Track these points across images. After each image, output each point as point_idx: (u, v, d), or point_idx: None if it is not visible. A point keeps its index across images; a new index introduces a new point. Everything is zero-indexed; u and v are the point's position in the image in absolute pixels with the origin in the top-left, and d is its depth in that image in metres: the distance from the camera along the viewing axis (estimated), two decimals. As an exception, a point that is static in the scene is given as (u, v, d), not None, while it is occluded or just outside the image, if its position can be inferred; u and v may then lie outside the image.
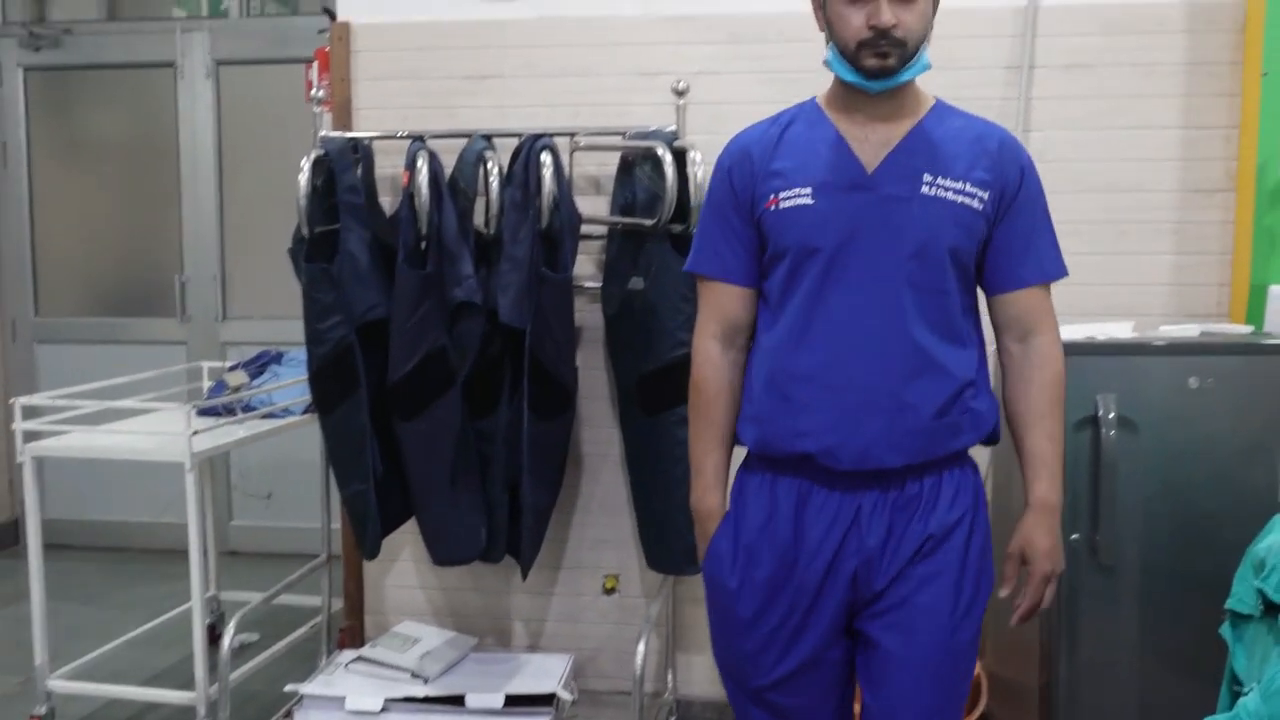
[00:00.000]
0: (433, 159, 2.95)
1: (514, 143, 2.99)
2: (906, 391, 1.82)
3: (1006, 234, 1.89)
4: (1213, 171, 3.00)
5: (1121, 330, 2.70)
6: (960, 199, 1.83)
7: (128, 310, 5.06)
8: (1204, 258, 3.02)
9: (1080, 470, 2.49)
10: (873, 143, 1.86)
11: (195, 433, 2.93)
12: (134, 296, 5.07)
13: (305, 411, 3.37)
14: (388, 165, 3.19)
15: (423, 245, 2.93)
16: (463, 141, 3.04)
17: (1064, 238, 2.99)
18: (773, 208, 1.87)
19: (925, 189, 1.83)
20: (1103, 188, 3.03)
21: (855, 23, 1.78)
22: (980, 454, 2.69)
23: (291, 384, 3.42)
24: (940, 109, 1.93)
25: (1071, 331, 2.64)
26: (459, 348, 2.92)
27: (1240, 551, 2.20)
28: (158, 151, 4.95)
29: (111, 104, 5.03)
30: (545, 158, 2.89)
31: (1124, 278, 3.03)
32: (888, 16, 1.75)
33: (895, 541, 1.86)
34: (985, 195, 1.85)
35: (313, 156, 3.00)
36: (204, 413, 3.26)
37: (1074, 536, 2.49)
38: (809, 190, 1.84)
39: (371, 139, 3.15)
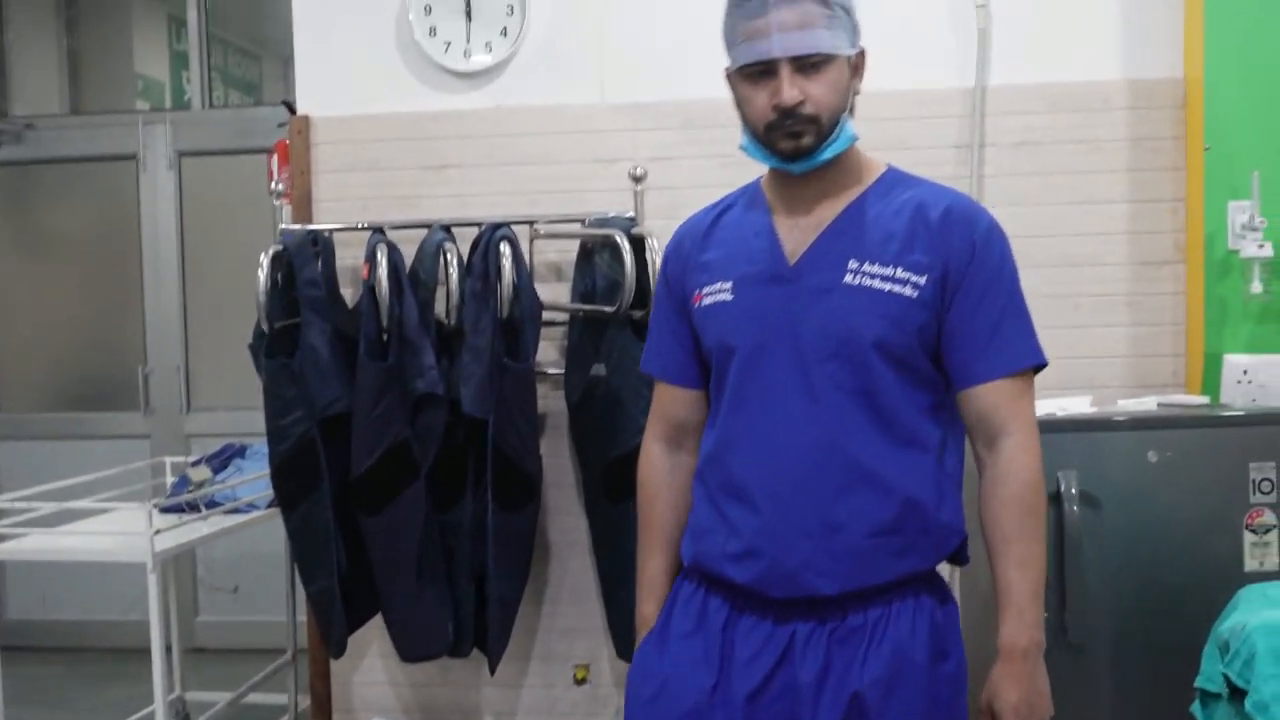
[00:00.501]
0: (393, 251, 2.97)
1: (474, 232, 3.01)
2: (835, 509, 1.61)
3: (961, 319, 1.63)
4: (1162, 244, 3.05)
5: (1080, 405, 2.72)
6: (889, 287, 1.62)
7: (90, 405, 5.01)
8: (1158, 329, 3.06)
9: (1046, 548, 2.49)
10: (802, 228, 1.69)
11: (157, 532, 2.90)
12: (97, 390, 5.03)
13: (270, 506, 3.34)
14: (348, 257, 3.20)
15: (384, 337, 2.94)
16: (423, 232, 3.06)
17: (1020, 313, 3.06)
18: (698, 304, 1.74)
19: (849, 278, 1.63)
20: (1055, 262, 3.07)
21: (759, 104, 1.62)
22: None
23: (255, 478, 3.40)
24: (889, 180, 1.72)
25: (1030, 408, 2.67)
26: (422, 440, 2.91)
27: (1209, 624, 2.21)
28: (120, 243, 4.94)
29: (74, 197, 5.03)
30: (504, 248, 2.91)
31: (1080, 351, 3.06)
32: (791, 93, 1.58)
33: (836, 680, 1.62)
34: (922, 280, 1.61)
35: (271, 251, 3.00)
36: (167, 510, 3.23)
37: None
38: (729, 285, 1.70)
39: (331, 231, 3.16)
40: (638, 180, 3.13)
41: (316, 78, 3.32)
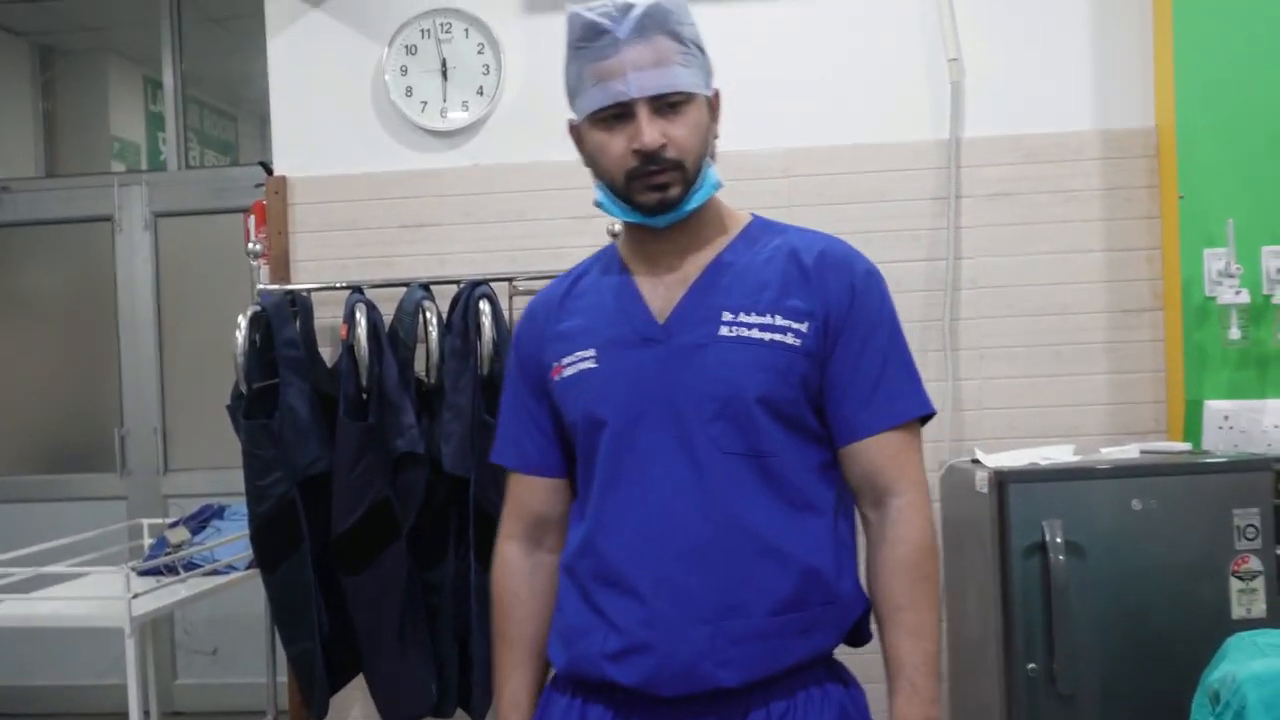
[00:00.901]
0: (371, 310, 2.96)
1: (453, 290, 3.01)
2: (734, 587, 1.45)
3: (842, 370, 1.51)
4: (1139, 292, 3.07)
5: (1063, 453, 2.73)
6: (768, 336, 1.49)
7: (66, 467, 4.96)
8: (1138, 376, 3.07)
9: (1032, 598, 2.48)
10: (667, 284, 1.55)
11: (135, 595, 2.86)
12: (73, 452, 4.98)
13: (249, 567, 3.29)
14: (327, 316, 3.19)
15: (364, 396, 2.92)
16: (401, 291, 3.05)
17: (1000, 362, 3.08)
18: (558, 377, 1.57)
19: (724, 330, 1.49)
20: (1034, 311, 3.09)
21: (616, 151, 1.48)
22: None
23: (234, 539, 3.35)
24: (755, 229, 1.61)
25: (1014, 457, 2.67)
26: (403, 498, 2.89)
27: (1196, 672, 2.19)
28: (96, 304, 4.91)
29: (49, 258, 5.00)
30: (484, 305, 2.91)
31: (1061, 399, 3.07)
32: (653, 134, 1.45)
33: None
34: (803, 326, 1.50)
35: (250, 312, 2.99)
36: (145, 572, 3.19)
37: (1031, 666, 2.48)
38: (592, 352, 1.54)
39: (310, 290, 3.15)
40: (615, 237, 3.11)
41: (293, 138, 3.32)
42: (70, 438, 5.01)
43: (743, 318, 1.50)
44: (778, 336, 1.49)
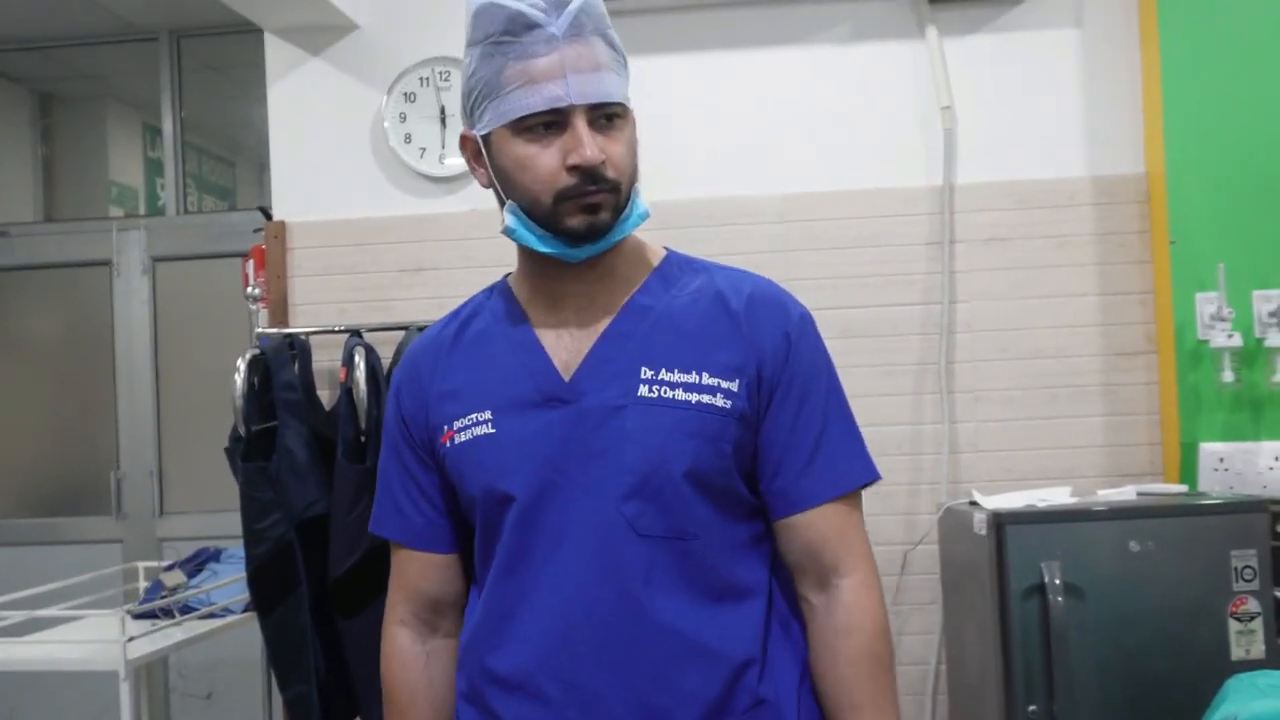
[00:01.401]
0: (370, 353, 2.97)
1: (452, 333, 3.02)
2: (652, 693, 1.26)
3: (777, 432, 1.33)
4: (1133, 335, 3.09)
5: (1060, 495, 2.73)
6: (695, 398, 1.29)
7: (62, 509, 4.94)
8: (1133, 418, 3.09)
9: (1031, 639, 2.48)
10: (573, 333, 1.34)
11: (130, 639, 2.84)
12: (68, 495, 4.97)
13: (246, 610, 3.28)
14: (325, 359, 3.20)
15: (362, 439, 2.92)
16: (400, 334, 3.07)
17: (996, 405, 3.10)
18: (448, 443, 1.36)
19: (644, 390, 1.29)
20: (1029, 354, 3.11)
21: (547, 166, 1.25)
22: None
23: (230, 583, 3.34)
24: (671, 266, 1.40)
25: (1011, 499, 2.68)
26: (401, 541, 2.88)
27: (1197, 714, 2.19)
28: (93, 348, 4.92)
29: (47, 303, 5.02)
30: (483, 347, 2.92)
31: (1057, 441, 3.09)
32: (593, 150, 1.24)
33: None
34: (734, 385, 1.30)
35: (248, 355, 3.00)
36: (140, 616, 3.17)
37: (1031, 708, 2.47)
38: (487, 414, 1.33)
39: (308, 334, 3.16)
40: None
41: (293, 183, 3.35)
42: (66, 480, 5.00)
43: (664, 375, 1.30)
44: (705, 398, 1.29)
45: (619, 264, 1.36)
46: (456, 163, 3.28)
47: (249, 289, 3.34)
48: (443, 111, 3.29)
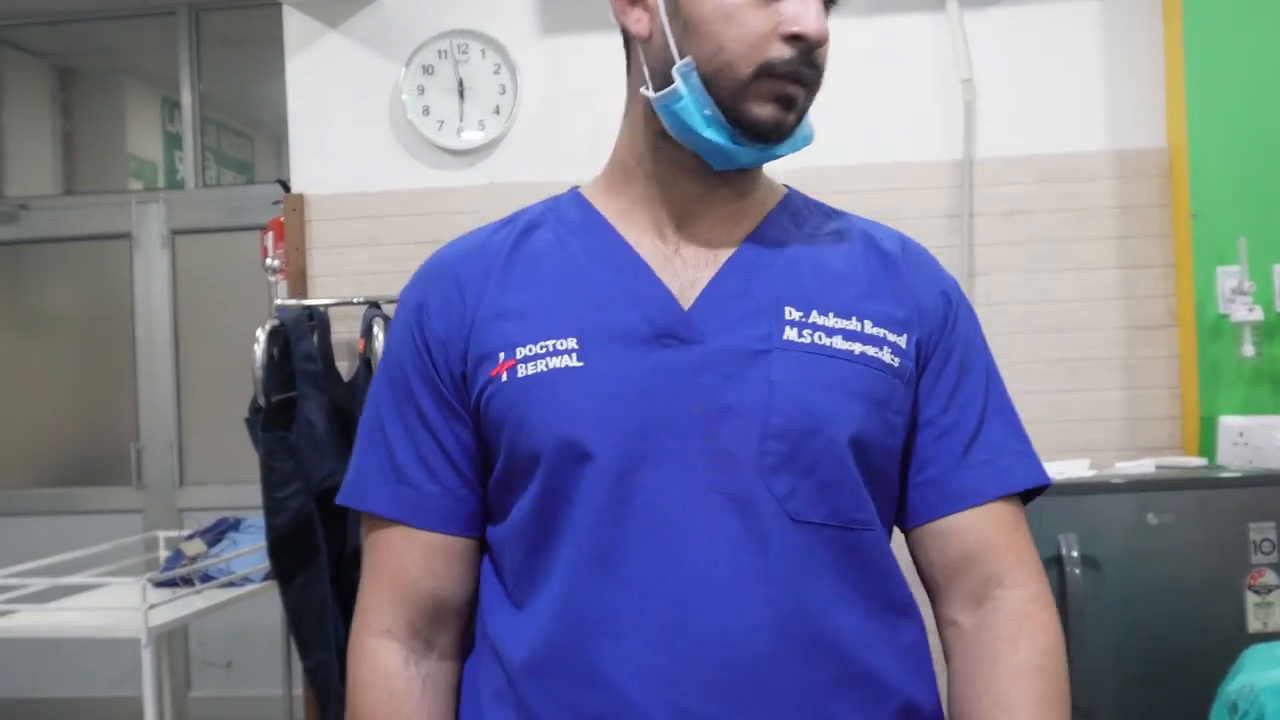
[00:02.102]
0: (388, 324, 2.98)
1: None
2: (842, 710, 0.97)
3: (936, 410, 1.06)
4: (1154, 309, 3.08)
5: (1078, 468, 2.73)
6: (859, 348, 1.02)
7: (82, 480, 4.99)
8: (1153, 392, 3.08)
9: None
10: (686, 260, 1.05)
11: (152, 606, 2.87)
12: (89, 466, 5.02)
13: (265, 579, 3.31)
14: (344, 331, 3.21)
15: (381, 410, 2.93)
16: (419, 305, 3.08)
17: (1015, 378, 3.07)
18: (502, 375, 1.01)
19: (791, 334, 1.01)
20: (1049, 328, 3.10)
21: (759, 26, 0.98)
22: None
23: (250, 552, 3.37)
24: (797, 202, 1.13)
25: (1028, 472, 2.67)
26: (420, 511, 2.90)
27: (1212, 686, 2.19)
28: (113, 320, 4.95)
29: (68, 276, 5.05)
30: (501, 319, 2.93)
31: (1076, 414, 3.08)
32: (822, 22, 1.00)
33: None
34: (902, 341, 1.04)
35: (268, 327, 3.02)
36: (161, 584, 3.20)
37: (1046, 679, 2.48)
38: (572, 342, 1.00)
39: (327, 306, 3.17)
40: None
41: (311, 156, 3.35)
42: (87, 451, 5.05)
43: (818, 318, 1.02)
44: (871, 350, 1.02)
45: (754, 187, 1.09)
46: (474, 136, 3.28)
47: (268, 261, 3.36)
48: (461, 84, 3.29)
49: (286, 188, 3.38)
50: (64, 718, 4.87)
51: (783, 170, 1.11)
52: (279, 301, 3.20)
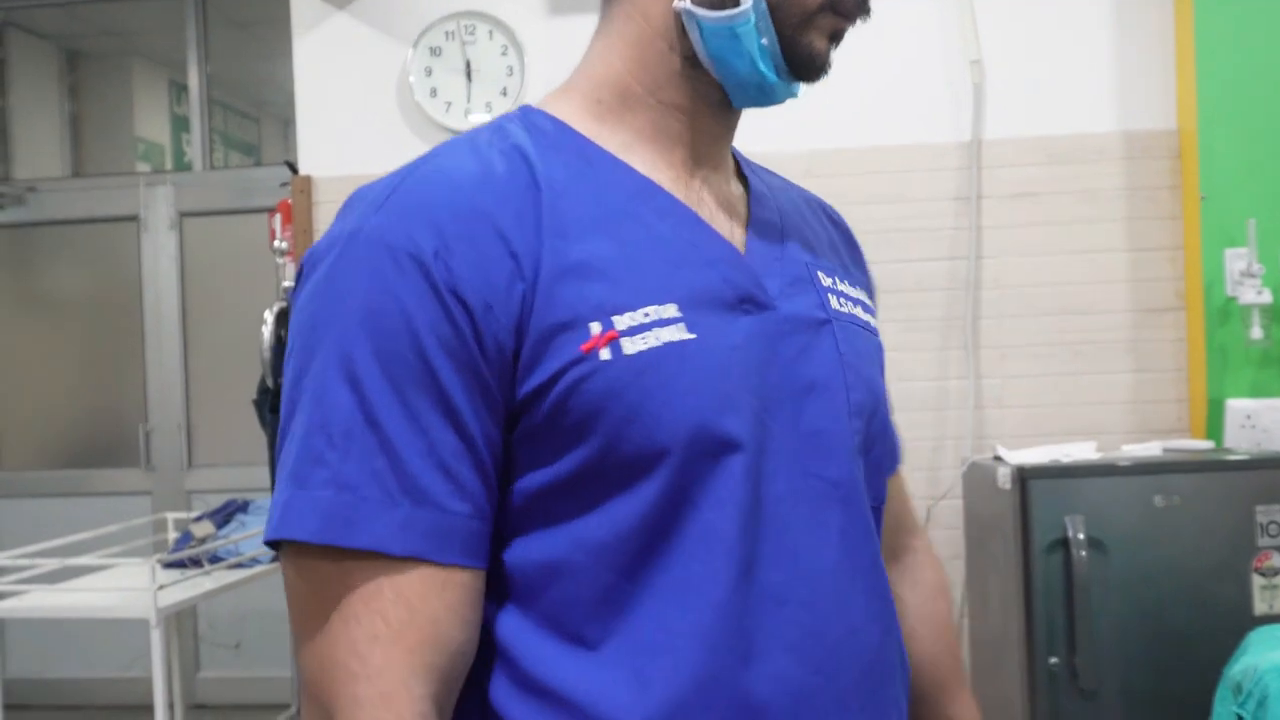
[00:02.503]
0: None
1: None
2: (901, 694, 0.94)
3: None
4: (1162, 291, 3.07)
5: (1085, 451, 2.73)
6: (872, 320, 1.01)
7: (91, 462, 5.01)
8: (1160, 375, 3.08)
9: (1054, 594, 2.49)
10: (711, 208, 0.91)
11: (161, 587, 2.89)
12: (98, 448, 5.03)
13: (273, 560, 3.32)
14: (352, 312, 3.21)
15: (389, 391, 2.95)
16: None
17: (1022, 361, 3.09)
18: (600, 353, 0.79)
19: (834, 302, 0.94)
20: (1056, 310, 3.09)
21: None
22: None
23: (259, 533, 3.38)
24: (744, 161, 1.03)
25: (1036, 454, 2.68)
26: (428, 492, 2.91)
27: (1218, 668, 2.20)
28: (121, 303, 4.96)
29: (76, 258, 5.06)
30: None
31: (1083, 397, 3.08)
32: None
33: None
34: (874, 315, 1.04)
35: (276, 309, 3.03)
36: (170, 565, 3.22)
37: (1053, 660, 2.48)
38: (674, 309, 0.82)
39: (336, 287, 3.17)
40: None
41: (318, 138, 3.35)
42: (96, 433, 5.07)
43: (840, 285, 0.97)
44: (874, 322, 1.00)
45: (732, 134, 0.97)
46: (481, 119, 3.28)
47: (275, 243, 3.36)
48: (468, 66, 3.29)
49: (294, 169, 3.39)
50: (74, 697, 4.90)
51: (789, 152, 1.10)
52: (287, 283, 3.21)
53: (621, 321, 0.80)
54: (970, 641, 3.00)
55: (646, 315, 0.81)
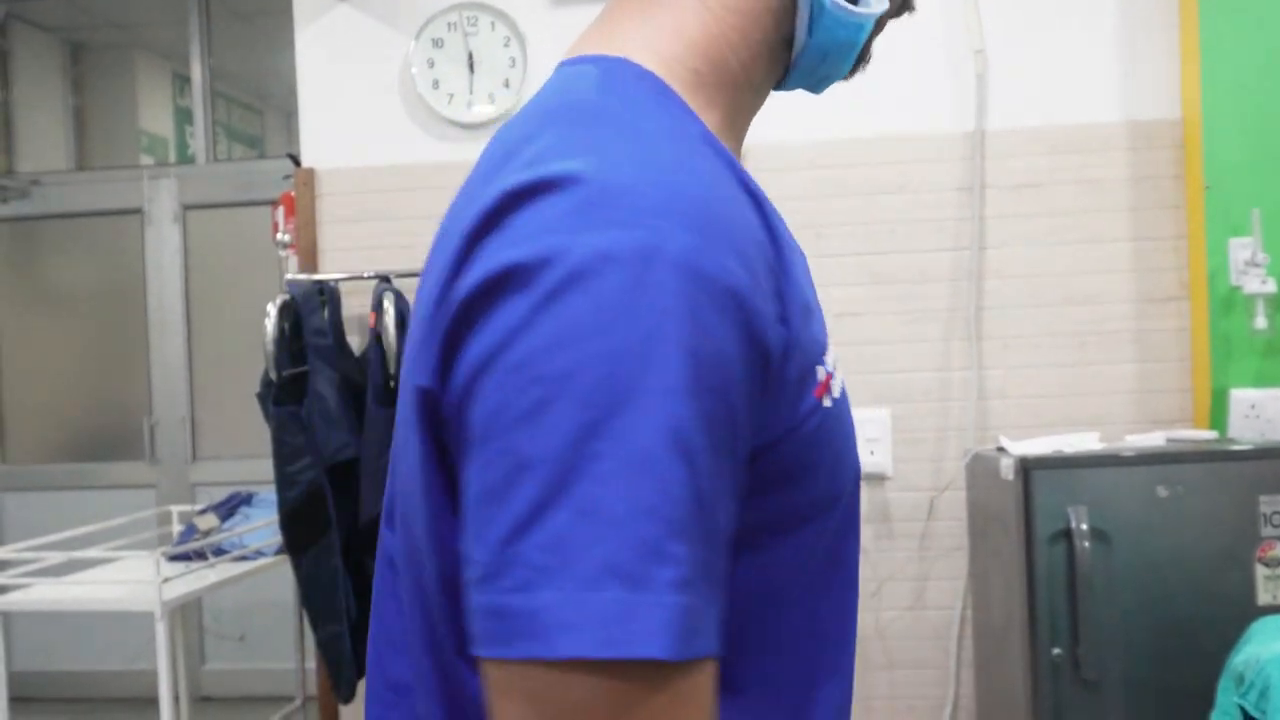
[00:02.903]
0: (399, 299, 2.99)
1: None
2: None
3: None
4: (1165, 281, 3.07)
5: (1088, 441, 2.73)
6: None
7: (96, 455, 5.03)
8: (1164, 365, 3.07)
9: (1057, 584, 2.49)
10: None
11: (166, 580, 2.90)
12: (102, 441, 5.05)
13: (278, 553, 3.33)
14: (355, 305, 3.22)
15: (391, 384, 2.94)
16: (429, 279, 3.08)
17: (1025, 351, 3.09)
18: (824, 401, 0.72)
19: None
20: (1060, 301, 3.09)
21: None
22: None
23: (263, 525, 3.39)
24: None
25: (1039, 445, 2.68)
26: (431, 485, 2.91)
27: (1221, 659, 2.20)
28: (125, 296, 4.97)
29: (79, 251, 5.07)
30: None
31: (1087, 388, 3.08)
32: None
33: None
34: None
35: (279, 301, 3.02)
36: (175, 558, 3.23)
37: (1055, 651, 2.48)
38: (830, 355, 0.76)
39: (338, 280, 3.18)
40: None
41: (321, 131, 3.35)
42: (100, 427, 5.08)
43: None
44: None
45: None
46: (484, 109, 3.27)
47: (278, 236, 3.36)
48: (470, 57, 3.28)
49: (297, 162, 3.38)
50: (79, 690, 4.92)
51: (793, 143, 1.09)
52: (290, 276, 3.21)
53: (830, 362, 0.74)
54: (974, 633, 3.01)
55: (832, 362, 0.75)
